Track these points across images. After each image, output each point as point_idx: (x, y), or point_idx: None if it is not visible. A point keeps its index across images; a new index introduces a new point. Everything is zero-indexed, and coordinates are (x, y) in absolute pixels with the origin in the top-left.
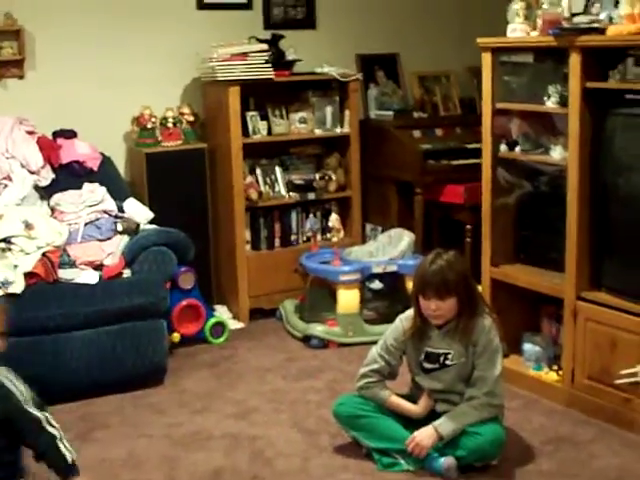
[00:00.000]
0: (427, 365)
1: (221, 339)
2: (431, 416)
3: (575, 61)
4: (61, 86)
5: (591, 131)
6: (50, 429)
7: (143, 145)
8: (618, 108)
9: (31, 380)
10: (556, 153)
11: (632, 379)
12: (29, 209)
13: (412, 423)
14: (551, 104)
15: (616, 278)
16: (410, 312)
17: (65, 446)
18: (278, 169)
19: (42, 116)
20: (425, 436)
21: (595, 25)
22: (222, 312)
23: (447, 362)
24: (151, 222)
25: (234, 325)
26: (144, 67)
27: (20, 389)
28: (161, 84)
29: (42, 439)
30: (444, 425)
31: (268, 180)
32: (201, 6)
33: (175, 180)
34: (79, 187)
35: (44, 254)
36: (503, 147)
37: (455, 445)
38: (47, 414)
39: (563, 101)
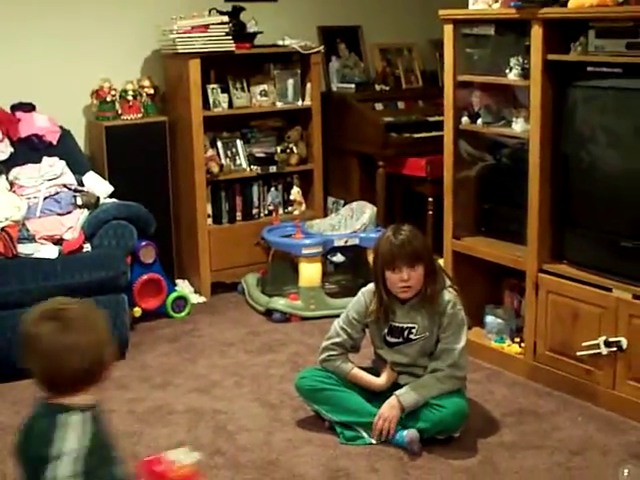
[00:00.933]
0: (391, 339)
1: (183, 313)
2: (394, 389)
3: (537, 33)
4: (19, 59)
5: (552, 104)
6: None
7: (103, 118)
8: (579, 81)
9: None
10: (518, 126)
11: (593, 351)
12: None
13: (375, 396)
14: (513, 76)
15: (578, 250)
16: (372, 286)
17: None
18: (239, 142)
19: (0, 89)
20: (388, 407)
21: None
22: (184, 286)
23: (411, 336)
24: (111, 196)
25: (196, 299)
26: (104, 39)
27: None
28: (121, 56)
29: None
30: (406, 395)
31: (229, 153)
32: None
33: (135, 153)
34: (38, 161)
35: (3, 229)
36: (465, 119)
37: (417, 417)
38: None
39: (525, 73)
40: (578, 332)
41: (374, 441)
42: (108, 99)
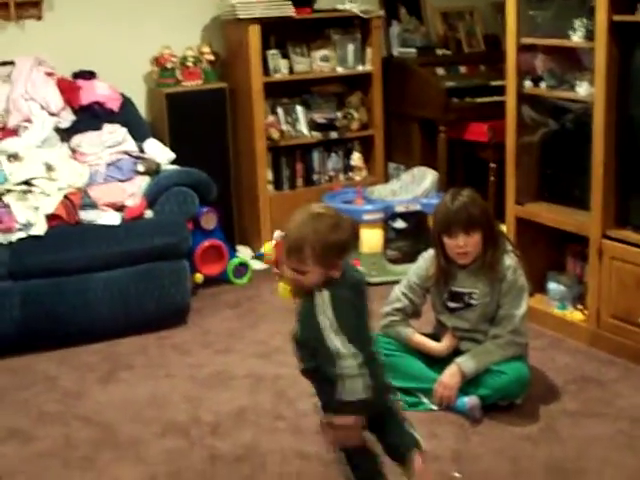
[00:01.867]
0: (451, 304)
1: (244, 279)
2: (455, 355)
3: None
4: (80, 27)
5: (618, 66)
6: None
7: (163, 85)
8: None
9: (55, 321)
10: (582, 89)
11: None
12: (50, 151)
13: (436, 362)
14: (577, 38)
15: None
16: (432, 251)
17: None
18: (300, 108)
19: (61, 57)
20: (448, 374)
21: None
22: (245, 253)
23: (472, 301)
24: (172, 162)
25: (257, 265)
26: (163, 6)
27: None
28: (181, 23)
29: None
30: (467, 362)
31: (289, 119)
32: None
33: (196, 120)
34: (99, 128)
35: (65, 196)
36: (528, 83)
37: (479, 384)
38: None
39: (589, 35)
40: None
41: (435, 407)
42: (168, 66)
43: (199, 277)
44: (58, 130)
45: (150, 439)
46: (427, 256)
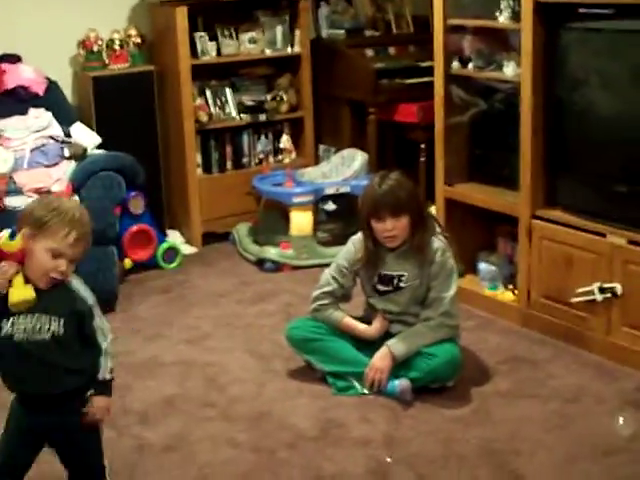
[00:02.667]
0: (381, 287)
1: (174, 264)
2: (386, 338)
3: None
4: (4, 10)
5: (544, 46)
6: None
7: (90, 69)
8: (572, 22)
9: None
10: (509, 70)
11: (588, 297)
12: None
13: (367, 346)
14: (503, 19)
15: (571, 195)
16: (361, 235)
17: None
18: (228, 90)
19: None
20: (379, 357)
21: None
22: (174, 237)
23: (401, 284)
24: (99, 147)
25: (187, 250)
26: None
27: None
28: (107, 6)
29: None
30: (398, 345)
31: (218, 102)
32: None
33: (123, 103)
34: (24, 113)
35: None
36: (456, 64)
37: (410, 367)
38: None
39: (516, 16)
40: (572, 278)
41: (366, 391)
42: (95, 49)
43: (128, 263)
44: None
45: None
46: (356, 239)
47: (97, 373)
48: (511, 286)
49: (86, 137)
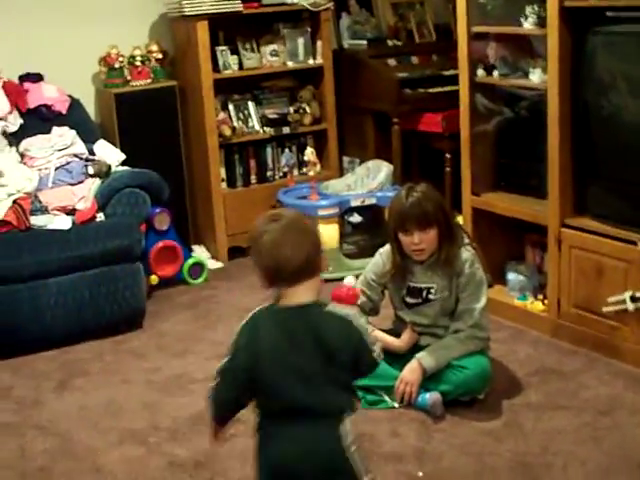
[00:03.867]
0: (410, 300)
1: (200, 280)
2: (415, 351)
3: None
4: (26, 28)
5: (571, 52)
6: None
7: (112, 85)
8: (598, 26)
9: (9, 330)
10: (535, 76)
11: (619, 307)
12: None
13: (396, 359)
14: (529, 25)
15: (600, 203)
16: (389, 247)
17: None
18: (251, 104)
19: (7, 60)
20: (409, 370)
21: None
22: (200, 252)
23: (430, 296)
24: (123, 164)
25: (213, 265)
26: (109, 5)
27: None
28: (127, 21)
29: None
30: (428, 358)
31: (241, 115)
32: None
33: (146, 120)
34: (48, 131)
35: (15, 201)
36: (480, 72)
37: (440, 380)
38: None
39: (541, 22)
40: (603, 288)
41: (396, 405)
42: (116, 66)
43: (154, 279)
44: (6, 134)
45: (107, 447)
46: (384, 252)
47: None
48: (541, 296)
49: (110, 154)
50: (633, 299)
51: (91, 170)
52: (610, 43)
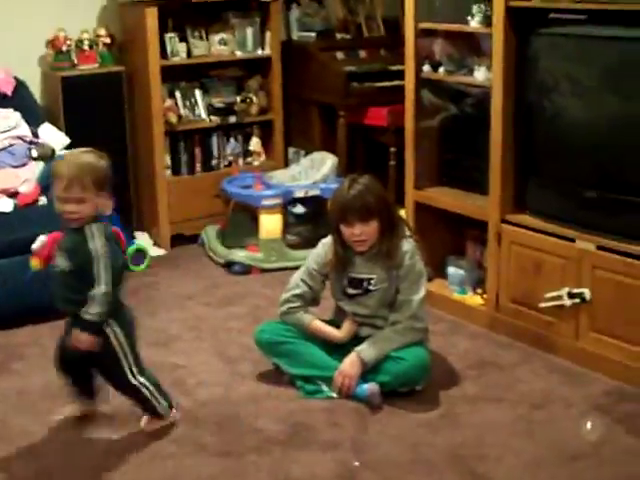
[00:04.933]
0: (350, 291)
1: (142, 266)
2: (355, 341)
3: None
4: None
5: (515, 52)
6: None
7: (58, 69)
8: (543, 28)
9: None
10: (480, 74)
11: (556, 302)
12: None
13: (336, 349)
14: (475, 24)
15: (540, 201)
16: (331, 239)
17: None
18: (198, 92)
19: None
20: (349, 363)
21: None
22: (143, 239)
23: (370, 287)
24: (67, 148)
25: (155, 252)
26: None
27: None
28: (76, 4)
29: None
30: (367, 351)
31: (188, 103)
32: None
33: (92, 104)
34: None
35: None
36: (426, 68)
37: (379, 370)
38: None
39: (487, 21)
40: (541, 283)
41: (335, 395)
42: (64, 49)
43: None
44: None
45: (44, 432)
46: (326, 243)
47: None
48: (480, 290)
49: (54, 138)
50: (570, 295)
51: (35, 153)
52: (553, 44)
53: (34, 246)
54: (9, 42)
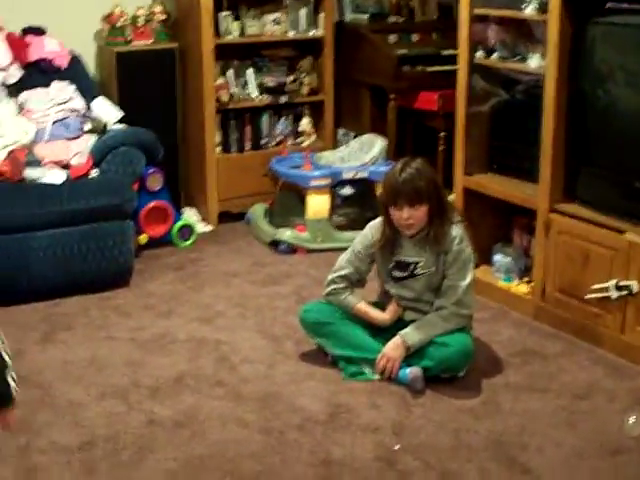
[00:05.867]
0: (397, 273)
1: (188, 242)
2: (399, 325)
3: None
4: None
5: (570, 40)
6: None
7: (113, 44)
8: (599, 17)
9: None
10: (533, 61)
11: (602, 294)
12: None
13: (380, 332)
14: (530, 11)
15: (591, 190)
16: (379, 220)
17: (13, 377)
18: (250, 71)
19: (10, 13)
20: (392, 346)
21: None
22: (190, 215)
23: (417, 271)
24: (120, 122)
25: (202, 228)
26: None
27: None
28: None
29: None
30: (411, 334)
31: (240, 82)
32: None
33: (145, 80)
34: (47, 85)
35: (10, 152)
36: (479, 54)
37: (422, 355)
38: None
39: (543, 8)
40: (588, 274)
41: (377, 377)
42: (119, 24)
43: (143, 238)
44: (5, 86)
45: (88, 402)
46: (374, 225)
47: None
48: (526, 279)
49: (107, 112)
50: (617, 287)
51: (88, 126)
52: (609, 34)
53: None
54: (66, 16)
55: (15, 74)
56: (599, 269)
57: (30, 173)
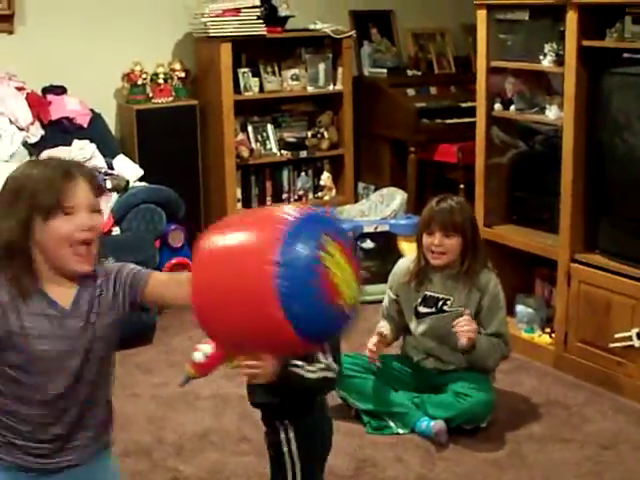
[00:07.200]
0: (423, 309)
1: None
2: (423, 382)
3: (572, 18)
4: (51, 41)
5: (587, 91)
6: None
7: (134, 102)
8: (615, 67)
9: None
10: (551, 113)
11: (625, 343)
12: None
13: (403, 386)
14: (547, 63)
15: (611, 240)
16: (407, 257)
17: None
18: (270, 126)
19: (32, 72)
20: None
21: None
22: None
23: (445, 307)
24: (141, 179)
25: None
26: (135, 22)
27: None
28: (152, 40)
29: None
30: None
31: (260, 138)
32: None
33: (166, 137)
34: (69, 144)
35: None
36: (498, 106)
37: (444, 407)
38: None
39: (559, 60)
40: (610, 323)
41: (401, 431)
42: (139, 82)
43: None
44: (27, 145)
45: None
46: (400, 261)
47: None
48: (548, 329)
49: (128, 169)
50: None
51: (109, 184)
52: (626, 84)
53: (195, 358)
54: (86, 75)
55: (36, 133)
56: (621, 318)
57: None
